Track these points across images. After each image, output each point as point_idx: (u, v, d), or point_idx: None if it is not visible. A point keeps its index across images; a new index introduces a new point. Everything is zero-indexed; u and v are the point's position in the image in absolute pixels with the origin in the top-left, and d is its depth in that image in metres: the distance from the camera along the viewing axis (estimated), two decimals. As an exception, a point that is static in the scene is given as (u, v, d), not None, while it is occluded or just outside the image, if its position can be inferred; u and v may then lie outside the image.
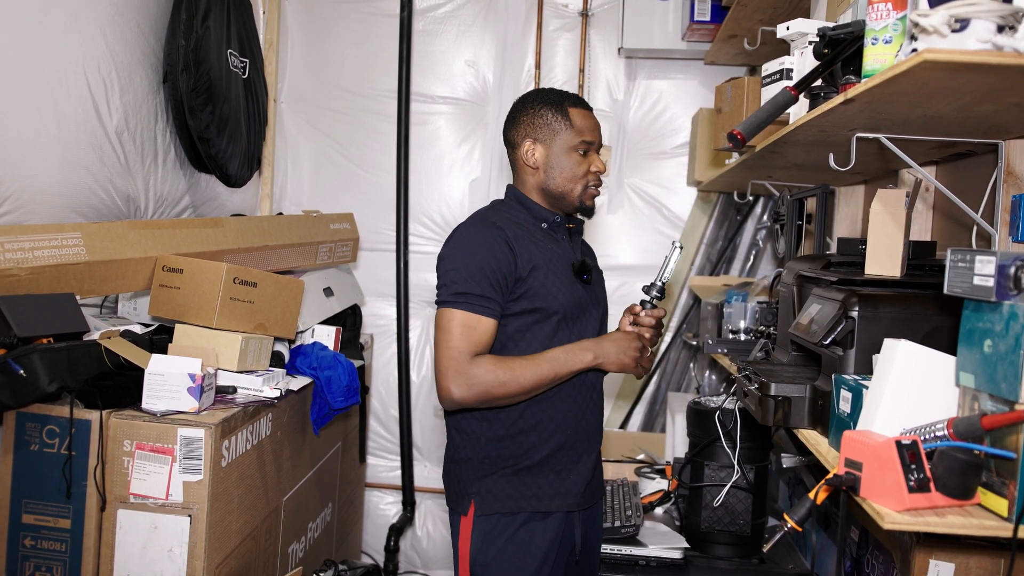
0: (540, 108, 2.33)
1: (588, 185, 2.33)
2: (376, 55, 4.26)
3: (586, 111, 2.34)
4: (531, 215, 2.33)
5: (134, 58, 3.07)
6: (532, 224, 2.31)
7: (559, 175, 2.31)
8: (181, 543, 2.30)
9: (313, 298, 3.35)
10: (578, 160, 2.30)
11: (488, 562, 2.20)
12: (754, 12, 3.17)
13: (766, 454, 2.70)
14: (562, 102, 2.33)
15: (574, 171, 2.30)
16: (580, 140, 2.29)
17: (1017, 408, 1.24)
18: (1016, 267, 1.25)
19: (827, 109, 1.75)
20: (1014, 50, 1.29)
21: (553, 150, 2.31)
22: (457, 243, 2.23)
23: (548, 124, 2.31)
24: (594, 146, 2.33)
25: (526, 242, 2.22)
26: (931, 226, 2.50)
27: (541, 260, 2.22)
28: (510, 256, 2.18)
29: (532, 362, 2.15)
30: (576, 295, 2.27)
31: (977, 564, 1.77)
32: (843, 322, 1.69)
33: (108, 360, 2.41)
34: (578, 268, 2.30)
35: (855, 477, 1.38)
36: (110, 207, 2.95)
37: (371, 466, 4.37)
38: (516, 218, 2.31)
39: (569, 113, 2.31)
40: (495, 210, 2.36)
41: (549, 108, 2.32)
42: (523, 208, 2.35)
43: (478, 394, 2.13)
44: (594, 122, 2.34)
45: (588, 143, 2.30)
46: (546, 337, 2.22)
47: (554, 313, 2.22)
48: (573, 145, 2.29)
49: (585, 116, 2.32)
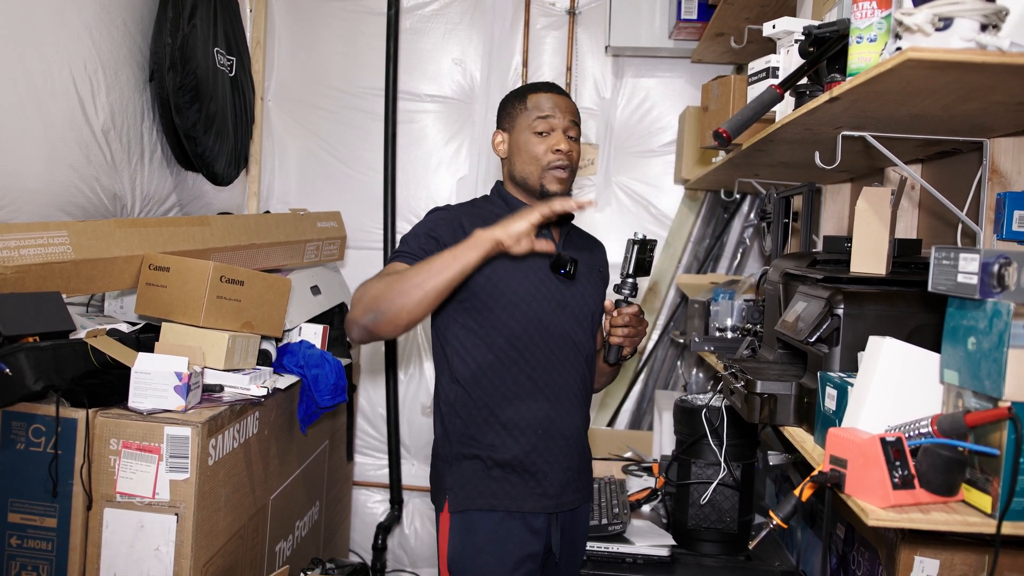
0: (507, 99, 2.37)
1: (548, 166, 2.26)
2: (363, 53, 4.25)
3: (548, 93, 2.31)
4: (509, 210, 2.29)
5: (120, 56, 3.06)
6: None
7: (518, 160, 2.30)
8: (168, 542, 2.30)
9: (300, 296, 3.35)
10: (536, 140, 2.27)
11: (464, 558, 2.20)
12: (740, 10, 3.18)
13: (753, 451, 2.71)
14: (526, 90, 2.34)
15: (531, 152, 2.27)
16: (535, 116, 2.27)
17: (1000, 405, 1.25)
18: (999, 265, 1.26)
19: (812, 107, 1.76)
20: (997, 48, 1.30)
21: (514, 135, 2.31)
22: (415, 225, 2.28)
23: (510, 112, 2.33)
24: (555, 122, 2.27)
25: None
26: (917, 224, 2.51)
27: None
28: (459, 233, 2.16)
29: (427, 259, 2.04)
30: (549, 290, 2.26)
31: (962, 560, 1.78)
32: (828, 320, 1.69)
33: (94, 359, 2.41)
34: (553, 263, 2.26)
35: (840, 474, 1.39)
36: (96, 205, 2.94)
37: (359, 464, 4.36)
38: (491, 213, 2.30)
39: (528, 97, 2.31)
40: (471, 204, 2.38)
41: (514, 97, 2.35)
42: (503, 203, 2.35)
43: (371, 302, 2.03)
44: (556, 102, 2.29)
45: (543, 118, 2.26)
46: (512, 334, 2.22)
47: (509, 304, 2.21)
48: (529, 124, 2.27)
49: (545, 97, 2.29)
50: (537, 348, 2.23)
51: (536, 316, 2.23)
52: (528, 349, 2.22)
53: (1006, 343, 1.23)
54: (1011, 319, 1.23)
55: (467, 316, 2.23)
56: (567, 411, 2.29)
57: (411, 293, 1.98)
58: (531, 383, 2.22)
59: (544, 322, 2.24)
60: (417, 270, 2.00)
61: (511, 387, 2.22)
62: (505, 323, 2.21)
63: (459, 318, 2.24)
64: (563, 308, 2.28)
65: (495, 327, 2.20)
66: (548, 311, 2.25)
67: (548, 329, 2.24)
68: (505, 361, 2.21)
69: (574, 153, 2.31)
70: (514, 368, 2.22)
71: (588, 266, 2.39)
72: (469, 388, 2.23)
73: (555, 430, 2.26)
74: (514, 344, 2.21)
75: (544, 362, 2.24)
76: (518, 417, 2.22)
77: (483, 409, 2.22)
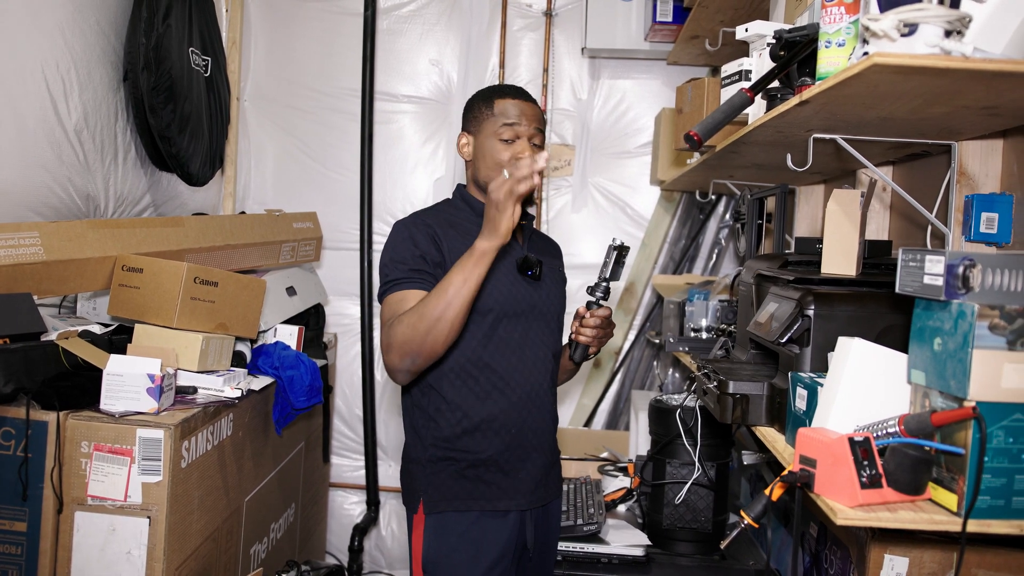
0: (473, 101, 2.36)
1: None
2: (340, 54, 4.25)
3: (515, 100, 2.30)
4: (473, 212, 2.33)
5: (94, 56, 3.04)
6: (474, 221, 2.28)
7: (483, 165, 2.30)
8: (140, 545, 2.28)
9: (275, 297, 3.34)
10: (501, 147, 2.26)
11: (439, 560, 2.21)
12: (715, 13, 3.20)
13: (727, 451, 2.72)
14: (492, 93, 2.33)
15: (496, 158, 2.26)
16: (502, 123, 2.26)
17: (965, 405, 1.26)
18: (964, 267, 1.27)
19: (783, 110, 1.77)
20: (961, 54, 1.31)
21: (479, 140, 2.31)
22: (388, 242, 2.25)
23: (476, 115, 2.33)
24: (521, 130, 2.27)
25: (458, 240, 2.22)
26: (888, 225, 2.53)
27: None
28: (435, 247, 2.19)
29: (436, 287, 2.05)
30: (520, 292, 2.27)
31: (931, 558, 1.80)
32: (799, 320, 1.71)
33: (66, 361, 2.39)
34: (521, 264, 2.27)
35: (809, 474, 1.40)
36: (69, 206, 2.92)
37: (335, 466, 4.36)
38: (455, 217, 2.32)
39: (495, 102, 2.30)
40: (435, 209, 2.38)
41: (480, 99, 2.34)
42: (467, 206, 2.36)
43: (402, 348, 2.06)
44: (522, 109, 2.28)
45: (509, 125, 2.25)
46: (484, 336, 2.22)
47: (488, 311, 2.21)
48: (495, 131, 2.27)
49: (512, 104, 2.28)
50: (508, 350, 2.24)
51: (509, 319, 2.25)
52: (500, 351, 2.23)
53: (971, 344, 1.25)
54: (975, 320, 1.25)
55: None
56: (538, 410, 2.30)
57: (438, 327, 2.02)
58: (503, 384, 2.23)
59: (514, 323, 2.25)
60: (434, 303, 2.01)
61: (484, 389, 2.22)
62: (477, 326, 2.22)
63: None
64: (532, 309, 2.29)
65: (467, 330, 2.21)
66: (520, 313, 2.26)
67: (519, 330, 2.26)
68: (478, 364, 2.22)
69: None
70: (487, 370, 2.22)
71: (550, 267, 2.41)
72: (443, 391, 2.23)
73: (527, 429, 2.27)
74: (485, 346, 2.22)
75: (516, 363, 2.25)
76: (491, 418, 2.23)
77: (456, 412, 2.23)
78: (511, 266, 2.27)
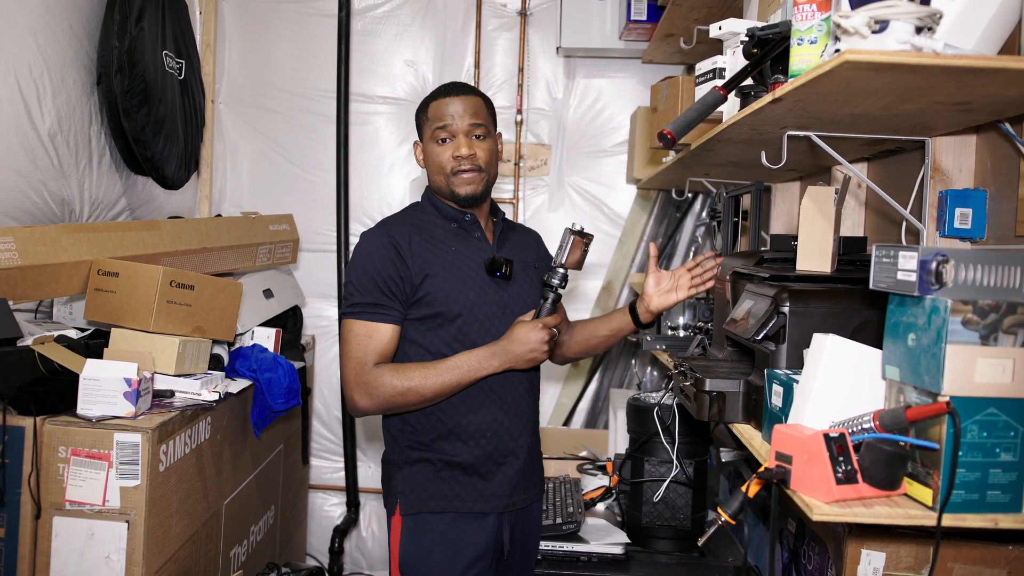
0: (417, 110, 2.37)
1: (453, 172, 2.27)
2: (315, 55, 4.23)
3: (446, 98, 2.29)
4: (440, 215, 2.33)
5: (67, 59, 3.02)
6: (441, 225, 2.31)
7: (430, 170, 2.33)
8: (119, 549, 2.27)
9: (252, 300, 3.33)
10: (440, 150, 2.28)
11: (416, 561, 2.21)
12: (689, 11, 3.20)
13: (705, 449, 2.73)
14: (428, 98, 2.33)
15: (436, 161, 2.29)
16: (435, 127, 2.28)
17: (939, 400, 1.27)
18: (937, 262, 1.28)
19: (757, 108, 1.78)
20: (932, 51, 1.33)
21: (424, 146, 2.34)
22: (354, 255, 2.27)
23: (419, 123, 2.36)
24: (455, 128, 2.26)
25: (424, 247, 2.23)
26: (863, 222, 2.55)
27: (439, 264, 2.22)
28: (399, 264, 2.19)
29: (434, 370, 2.15)
30: (489, 295, 2.26)
31: (907, 552, 1.81)
32: (774, 318, 1.71)
33: (42, 366, 2.38)
34: (489, 266, 2.27)
35: (785, 470, 1.41)
36: (44, 211, 2.90)
37: (315, 468, 4.34)
38: (423, 221, 2.32)
39: (429, 107, 2.31)
40: (402, 215, 2.38)
41: (421, 108, 2.36)
42: (434, 209, 2.36)
43: (380, 403, 2.17)
44: (453, 108, 2.27)
45: (442, 127, 2.26)
46: (451, 338, 2.22)
47: (456, 316, 2.22)
48: (431, 135, 2.29)
49: (443, 103, 2.28)
50: None
51: (479, 323, 2.24)
52: None
53: (944, 339, 1.26)
54: (949, 315, 1.26)
55: (411, 328, 2.24)
56: (516, 413, 2.30)
57: (426, 403, 2.20)
58: (478, 390, 2.23)
59: (487, 327, 2.25)
60: (435, 383, 2.16)
61: (458, 395, 2.22)
62: (448, 332, 2.22)
63: (404, 331, 2.24)
64: (504, 310, 2.28)
65: (439, 337, 2.21)
66: (489, 316, 2.26)
67: (492, 334, 2.25)
68: None
69: (480, 153, 2.28)
70: None
71: (523, 263, 2.40)
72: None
73: (505, 433, 2.27)
74: (456, 352, 2.22)
75: None
76: (467, 423, 2.23)
77: (431, 417, 2.24)
78: (479, 268, 2.27)
